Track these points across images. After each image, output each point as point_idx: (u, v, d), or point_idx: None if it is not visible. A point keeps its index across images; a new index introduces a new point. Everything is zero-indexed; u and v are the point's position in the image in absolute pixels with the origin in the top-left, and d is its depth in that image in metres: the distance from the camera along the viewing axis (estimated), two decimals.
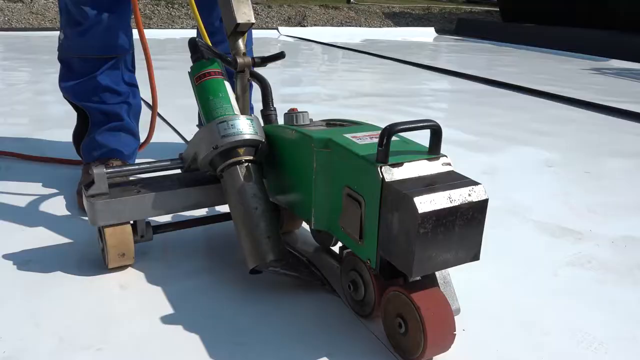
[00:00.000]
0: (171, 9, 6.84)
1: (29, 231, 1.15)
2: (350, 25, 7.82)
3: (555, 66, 4.61)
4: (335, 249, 1.06)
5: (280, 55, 1.13)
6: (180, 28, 6.34)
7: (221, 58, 1.09)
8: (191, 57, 1.09)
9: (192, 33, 1.38)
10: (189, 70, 1.09)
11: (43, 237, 1.12)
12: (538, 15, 7.09)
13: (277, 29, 6.53)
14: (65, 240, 1.12)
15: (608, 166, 1.81)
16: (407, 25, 8.17)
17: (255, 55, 1.18)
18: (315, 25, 7.51)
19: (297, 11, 7.77)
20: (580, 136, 2.23)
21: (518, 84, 3.33)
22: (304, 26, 7.29)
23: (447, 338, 0.76)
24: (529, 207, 1.41)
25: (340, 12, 8.17)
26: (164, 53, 3.35)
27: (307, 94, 2.83)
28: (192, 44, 1.09)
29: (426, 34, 7.32)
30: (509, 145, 2.02)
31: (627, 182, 1.66)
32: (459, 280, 1.01)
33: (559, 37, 5.96)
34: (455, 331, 0.77)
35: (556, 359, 0.82)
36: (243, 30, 1.11)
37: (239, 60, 1.09)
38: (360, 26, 7.85)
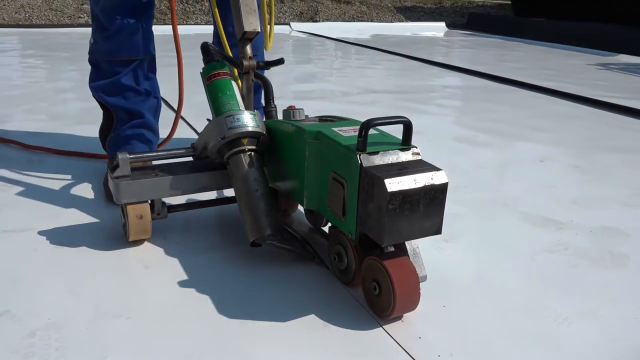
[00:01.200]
0: (186, 5, 6.98)
1: (62, 216, 1.29)
2: (362, 20, 7.90)
3: (562, 61, 4.67)
4: (325, 229, 1.22)
5: (280, 61, 1.29)
6: (194, 24, 6.47)
7: (229, 60, 1.25)
8: (203, 59, 1.26)
9: (206, 29, 1.52)
10: (201, 70, 1.25)
11: (74, 221, 1.27)
12: (550, 10, 7.11)
13: (289, 24, 6.64)
14: (93, 223, 1.27)
15: (598, 161, 1.91)
16: (419, 19, 8.21)
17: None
18: (327, 20, 7.60)
19: (309, 6, 7.86)
20: (575, 132, 2.32)
21: (523, 80, 3.42)
22: (316, 21, 7.38)
23: (413, 299, 0.92)
24: (517, 198, 1.52)
25: (352, 6, 8.24)
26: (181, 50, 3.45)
27: (318, 91, 2.95)
28: (204, 48, 1.26)
29: (437, 29, 7.38)
30: (505, 140, 2.12)
31: (613, 176, 1.76)
32: (443, 264, 1.14)
33: (569, 32, 5.99)
34: (420, 294, 0.92)
35: (524, 331, 0.93)
36: (250, 37, 1.26)
37: (245, 63, 1.24)
38: (372, 20, 7.92)
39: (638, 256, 1.22)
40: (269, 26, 1.39)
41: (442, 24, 7.76)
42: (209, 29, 1.55)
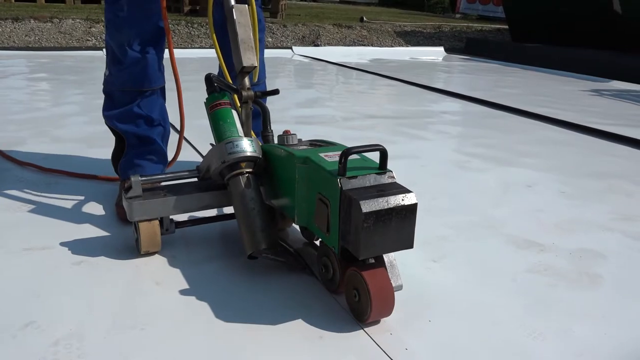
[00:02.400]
0: (191, 28, 7.16)
1: (79, 235, 1.40)
2: (362, 44, 8.08)
3: (556, 87, 4.80)
4: (317, 242, 1.33)
5: (275, 92, 1.44)
6: (198, 47, 6.65)
7: (230, 90, 1.40)
8: (207, 90, 1.42)
9: (211, 52, 1.64)
10: (204, 100, 1.41)
11: (90, 240, 1.38)
12: (546, 36, 7.28)
13: (291, 48, 6.81)
14: (107, 240, 1.38)
15: (583, 186, 2.01)
16: (418, 44, 8.39)
17: (268, 73, 1.48)
18: (329, 43, 7.78)
19: (311, 30, 8.05)
20: (564, 158, 2.43)
21: (517, 106, 3.54)
22: (318, 45, 7.56)
23: (387, 306, 1.05)
24: (504, 222, 1.62)
25: (353, 30, 8.43)
26: (183, 74, 3.57)
27: (318, 116, 3.07)
28: (208, 79, 1.43)
29: (435, 54, 7.55)
30: (497, 166, 2.23)
31: (596, 201, 1.87)
32: (431, 282, 1.24)
33: (564, 58, 6.15)
34: (394, 301, 1.05)
35: (501, 344, 1.03)
36: (248, 71, 1.40)
37: (244, 93, 1.39)
38: (372, 44, 8.10)
39: (612, 277, 1.32)
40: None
41: (441, 49, 7.93)
42: (214, 52, 1.68)
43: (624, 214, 1.74)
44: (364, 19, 10.02)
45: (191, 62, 5.08)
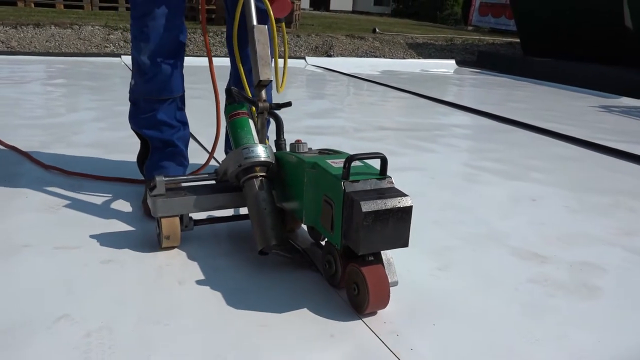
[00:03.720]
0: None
1: (106, 234, 1.50)
2: (374, 55, 8.18)
3: (566, 103, 4.86)
4: (323, 243, 1.46)
5: (288, 104, 1.54)
6: (214, 56, 6.78)
7: (248, 102, 1.53)
8: (226, 100, 1.58)
9: (225, 61, 1.75)
10: (224, 109, 1.56)
11: (116, 238, 1.48)
12: (557, 51, 7.34)
13: (304, 58, 6.92)
14: (132, 238, 1.47)
15: (587, 201, 2.08)
16: (430, 56, 8.48)
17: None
18: (341, 54, 7.89)
19: (324, 40, 8.16)
20: (570, 173, 2.49)
21: (526, 121, 3.61)
22: (331, 55, 7.67)
23: (383, 299, 1.16)
24: (508, 234, 1.69)
25: (365, 42, 8.54)
26: (199, 82, 3.67)
27: (330, 127, 3.15)
28: (228, 91, 1.58)
29: (447, 66, 7.63)
30: (503, 180, 2.30)
31: (599, 216, 1.93)
32: (437, 288, 1.31)
33: (575, 73, 6.20)
34: (389, 295, 1.16)
35: (499, 348, 1.10)
36: (264, 84, 1.52)
37: (260, 104, 1.51)
38: (384, 56, 8.20)
39: (610, 289, 1.38)
40: (282, 74, 1.64)
41: (452, 62, 8.01)
42: (227, 61, 1.82)
43: (626, 229, 1.80)
44: (377, 30, 10.13)
45: (204, 70, 5.18)
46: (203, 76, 1.73)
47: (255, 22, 1.52)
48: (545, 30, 7.49)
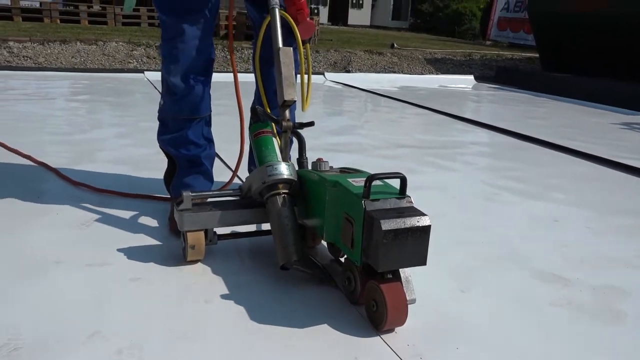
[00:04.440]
0: (227, 53, 7.41)
1: (133, 250, 1.54)
2: (392, 70, 8.22)
3: (586, 119, 4.83)
4: (342, 260, 1.48)
5: (311, 124, 1.60)
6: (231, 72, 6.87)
7: (272, 121, 1.59)
8: (251, 118, 1.63)
9: (246, 77, 1.80)
10: (248, 128, 1.62)
11: (144, 254, 1.52)
12: (577, 66, 7.30)
13: (323, 74, 6.98)
14: (158, 256, 1.51)
15: (610, 223, 2.06)
16: (448, 71, 8.49)
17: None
18: (359, 69, 7.94)
19: (343, 56, 8.23)
20: (592, 193, 2.48)
21: (546, 138, 3.59)
22: (349, 71, 7.73)
23: (402, 316, 1.18)
24: (530, 256, 1.69)
25: (383, 57, 8.59)
26: (222, 98, 3.72)
27: (349, 144, 3.18)
28: (253, 110, 1.63)
29: (466, 82, 7.63)
30: (525, 199, 2.30)
31: (623, 238, 1.91)
32: (459, 311, 1.31)
33: (595, 89, 6.16)
34: (407, 312, 1.18)
35: None
36: (288, 104, 1.57)
37: (284, 123, 1.56)
38: (402, 71, 8.23)
39: (635, 313, 1.37)
40: (306, 92, 1.70)
41: (471, 77, 8.01)
42: (248, 76, 1.86)
43: None
44: (395, 45, 10.18)
45: (227, 86, 5.27)
46: (226, 92, 1.79)
47: (280, 44, 1.57)
48: (565, 45, 7.46)
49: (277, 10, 1.59)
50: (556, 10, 7.37)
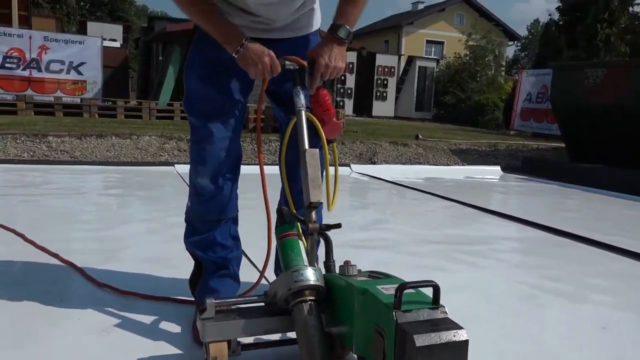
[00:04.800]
0: (254, 145, 7.62)
1: (155, 358, 1.48)
2: (418, 161, 8.28)
3: (619, 212, 4.69)
4: None
5: (338, 225, 1.55)
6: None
7: (299, 221, 1.56)
8: (277, 220, 1.59)
9: (272, 169, 1.76)
10: (274, 230, 1.58)
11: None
12: (606, 156, 7.23)
13: (349, 165, 7.06)
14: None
15: None
16: (474, 162, 8.51)
17: None
18: (385, 161, 8.02)
19: (368, 147, 8.37)
20: (639, 294, 2.33)
21: (580, 233, 3.46)
22: (375, 162, 7.81)
23: None
24: None
25: (409, 148, 8.70)
26: (247, 191, 3.73)
27: (375, 240, 3.12)
28: (280, 212, 1.60)
29: (492, 172, 7.61)
30: (565, 301, 2.16)
31: None
32: None
33: (626, 179, 6.04)
34: None
35: None
36: (315, 206, 1.54)
37: (310, 225, 1.52)
38: (428, 162, 8.28)
39: None
40: (332, 194, 1.67)
41: (498, 168, 8.00)
42: (273, 169, 1.81)
43: None
44: (419, 136, 10.35)
45: (253, 179, 5.35)
46: (252, 185, 1.78)
47: (307, 146, 1.56)
48: (591, 135, 7.45)
49: (302, 112, 1.60)
50: (579, 103, 7.46)
